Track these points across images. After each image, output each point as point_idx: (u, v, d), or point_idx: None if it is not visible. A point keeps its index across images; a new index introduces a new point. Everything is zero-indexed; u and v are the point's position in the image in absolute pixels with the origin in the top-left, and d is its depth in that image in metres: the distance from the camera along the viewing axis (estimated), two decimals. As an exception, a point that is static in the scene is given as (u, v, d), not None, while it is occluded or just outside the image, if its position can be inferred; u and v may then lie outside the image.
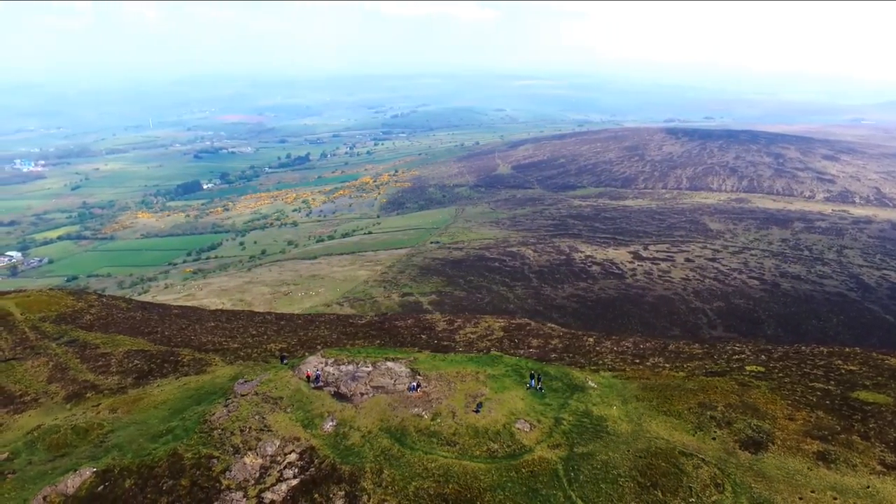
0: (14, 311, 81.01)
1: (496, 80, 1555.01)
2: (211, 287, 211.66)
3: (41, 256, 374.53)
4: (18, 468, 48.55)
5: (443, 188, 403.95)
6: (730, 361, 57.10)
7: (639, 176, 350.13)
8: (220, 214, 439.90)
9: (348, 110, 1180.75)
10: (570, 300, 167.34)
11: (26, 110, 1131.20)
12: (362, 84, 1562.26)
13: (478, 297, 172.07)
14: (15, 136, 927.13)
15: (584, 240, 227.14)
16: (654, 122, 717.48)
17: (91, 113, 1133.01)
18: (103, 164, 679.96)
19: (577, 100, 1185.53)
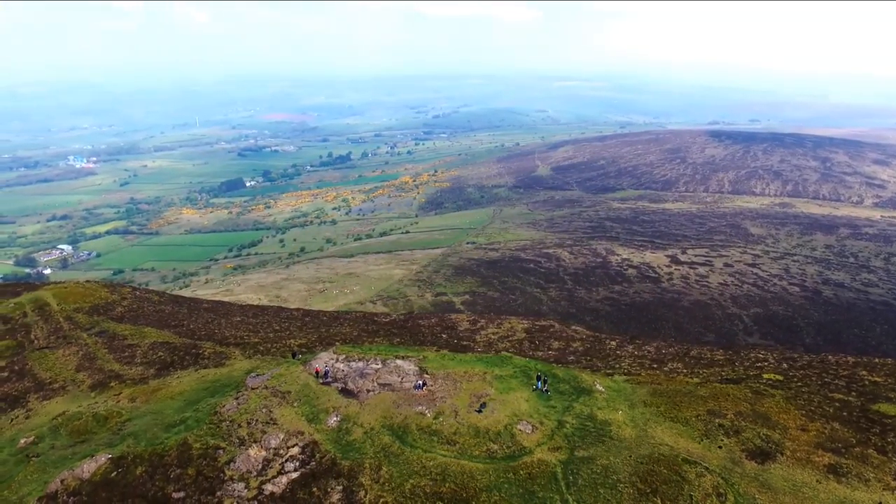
0: (51, 301, 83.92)
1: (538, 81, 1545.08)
2: (249, 283, 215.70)
3: (90, 250, 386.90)
4: (42, 452, 50.36)
5: (481, 189, 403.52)
6: (750, 369, 55.63)
7: (679, 179, 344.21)
8: (261, 212, 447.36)
9: (390, 110, 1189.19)
10: (603, 303, 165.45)
11: (81, 108, 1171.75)
12: (405, 84, 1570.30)
13: (511, 299, 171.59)
14: (70, 133, 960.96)
15: (622, 242, 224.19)
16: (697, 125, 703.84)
17: (141, 111, 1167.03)
18: (151, 161, 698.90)
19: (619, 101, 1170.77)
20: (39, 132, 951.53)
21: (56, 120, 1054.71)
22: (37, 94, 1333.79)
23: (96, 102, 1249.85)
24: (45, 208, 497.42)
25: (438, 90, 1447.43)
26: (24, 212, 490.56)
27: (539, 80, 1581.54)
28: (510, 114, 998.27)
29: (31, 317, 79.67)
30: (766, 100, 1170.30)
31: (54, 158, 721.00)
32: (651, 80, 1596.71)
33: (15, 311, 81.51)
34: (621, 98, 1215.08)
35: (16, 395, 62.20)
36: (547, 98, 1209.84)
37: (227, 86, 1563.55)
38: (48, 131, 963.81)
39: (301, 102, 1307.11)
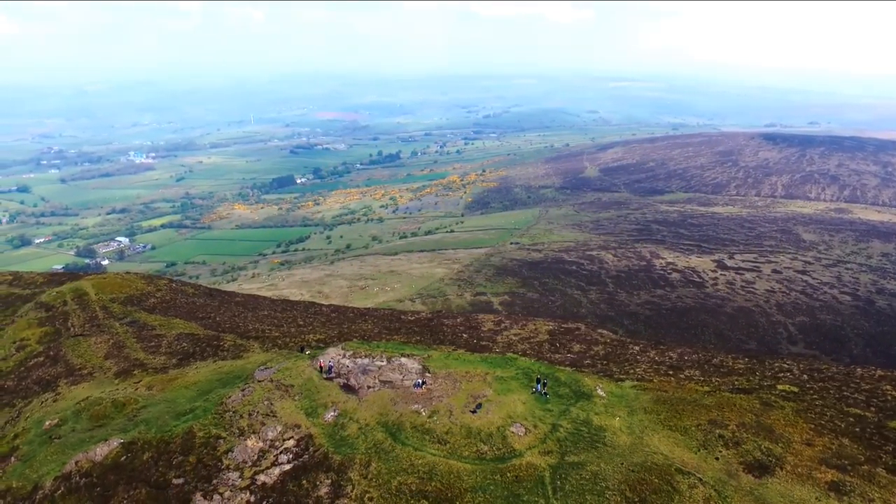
0: (90, 291, 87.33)
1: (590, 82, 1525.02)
2: (293, 278, 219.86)
3: (145, 243, 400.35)
4: (63, 434, 52.63)
5: (528, 189, 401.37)
6: (769, 379, 53.75)
7: (730, 182, 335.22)
8: (310, 208, 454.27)
9: (441, 109, 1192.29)
10: (644, 307, 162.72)
11: (142, 106, 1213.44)
12: (456, 84, 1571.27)
13: (550, 300, 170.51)
14: (132, 129, 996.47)
15: (667, 246, 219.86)
16: (752, 127, 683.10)
17: (199, 109, 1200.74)
18: (206, 157, 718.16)
19: (672, 102, 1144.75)
20: (103, 128, 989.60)
21: (119, 116, 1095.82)
22: (102, 92, 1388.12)
23: (157, 100, 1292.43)
24: (105, 202, 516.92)
25: (490, 89, 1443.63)
26: (87, 205, 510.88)
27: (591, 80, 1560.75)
28: (561, 114, 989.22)
29: (70, 305, 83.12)
30: (827, 102, 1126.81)
31: (116, 154, 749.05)
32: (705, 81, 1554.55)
33: (56, 300, 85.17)
34: (674, 99, 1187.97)
35: (48, 379, 65.06)
36: (598, 98, 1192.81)
37: (281, 84, 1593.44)
38: (112, 127, 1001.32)
39: (353, 101, 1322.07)
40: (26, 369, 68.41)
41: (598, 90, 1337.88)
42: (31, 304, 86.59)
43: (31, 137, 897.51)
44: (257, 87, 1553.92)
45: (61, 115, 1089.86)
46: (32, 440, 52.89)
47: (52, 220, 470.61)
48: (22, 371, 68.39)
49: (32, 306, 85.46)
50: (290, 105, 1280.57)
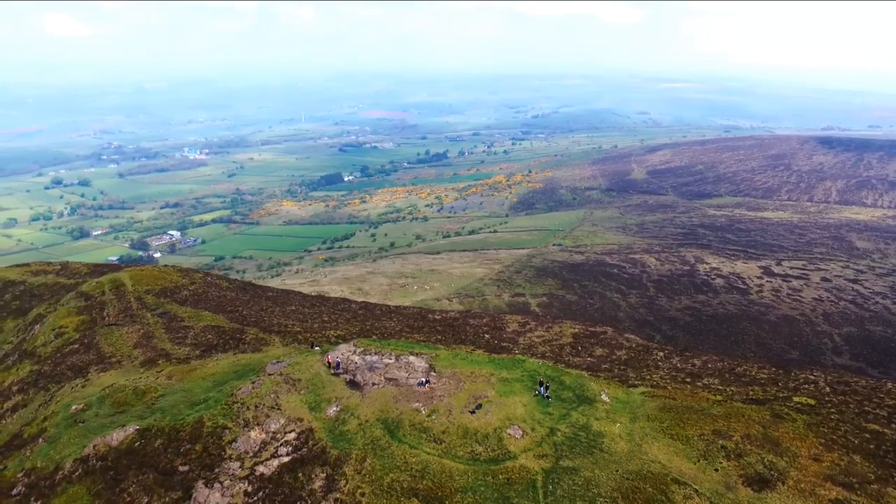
0: (127, 282, 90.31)
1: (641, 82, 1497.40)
2: (335, 275, 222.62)
3: (196, 237, 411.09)
4: (87, 419, 54.73)
5: (574, 190, 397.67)
6: (789, 390, 51.97)
7: (782, 187, 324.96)
8: (356, 206, 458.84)
9: (490, 109, 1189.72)
10: (684, 312, 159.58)
11: (198, 103, 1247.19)
12: (505, 83, 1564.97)
13: (588, 303, 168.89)
14: (187, 126, 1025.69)
15: (713, 251, 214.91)
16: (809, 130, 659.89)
17: (251, 107, 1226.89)
18: (257, 154, 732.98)
19: (725, 104, 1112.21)
20: (160, 125, 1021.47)
21: (175, 114, 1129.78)
22: (160, 90, 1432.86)
23: (212, 98, 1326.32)
24: (159, 196, 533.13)
25: (539, 90, 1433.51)
26: (142, 199, 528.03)
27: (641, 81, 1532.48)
28: (610, 115, 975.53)
29: (107, 296, 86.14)
30: (889, 104, 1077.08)
31: (171, 150, 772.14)
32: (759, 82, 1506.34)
33: (96, 290, 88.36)
34: (727, 101, 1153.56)
35: (80, 365, 67.62)
36: (649, 100, 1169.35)
37: (332, 83, 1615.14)
38: (168, 124, 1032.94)
39: (402, 100, 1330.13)
40: (62, 355, 71.26)
41: (649, 91, 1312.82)
42: (72, 294, 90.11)
43: (93, 133, 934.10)
44: (309, 85, 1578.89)
45: (121, 112, 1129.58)
46: (59, 423, 55.15)
47: (110, 214, 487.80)
48: (58, 357, 71.27)
49: (74, 295, 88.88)
50: (341, 103, 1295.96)
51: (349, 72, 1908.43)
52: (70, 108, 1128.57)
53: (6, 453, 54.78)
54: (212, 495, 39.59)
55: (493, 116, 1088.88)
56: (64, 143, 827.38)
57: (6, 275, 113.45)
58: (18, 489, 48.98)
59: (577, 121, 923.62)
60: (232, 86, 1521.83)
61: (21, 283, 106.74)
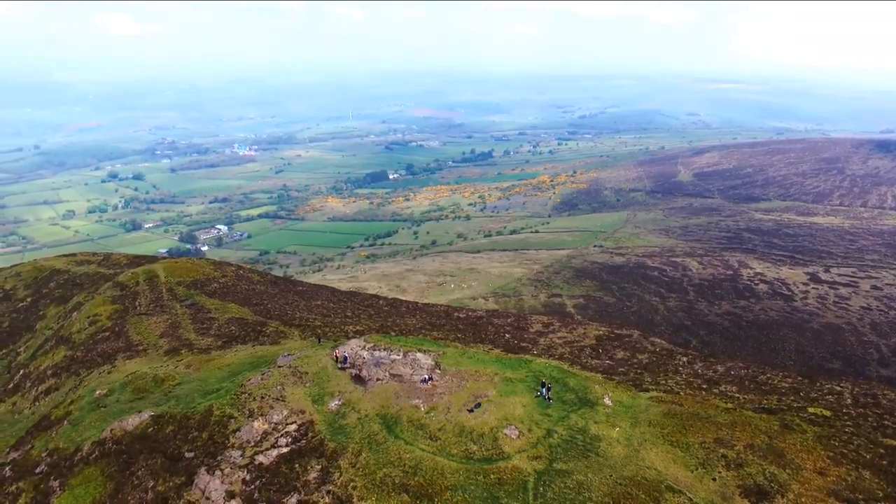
0: (160, 274, 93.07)
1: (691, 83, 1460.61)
2: (375, 271, 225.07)
3: (242, 231, 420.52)
4: (108, 404, 56.73)
5: (618, 192, 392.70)
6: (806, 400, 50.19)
7: (834, 191, 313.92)
8: (400, 204, 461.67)
9: (537, 109, 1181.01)
10: (723, 318, 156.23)
11: (248, 100, 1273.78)
12: (553, 83, 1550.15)
13: (626, 305, 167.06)
14: (237, 123, 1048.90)
15: (758, 256, 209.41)
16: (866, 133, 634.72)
17: (300, 104, 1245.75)
18: (304, 151, 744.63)
19: (778, 106, 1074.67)
20: (212, 121, 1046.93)
21: (226, 110, 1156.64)
22: (212, 87, 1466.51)
23: (262, 95, 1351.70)
24: (208, 191, 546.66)
25: (587, 90, 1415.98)
26: (192, 193, 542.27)
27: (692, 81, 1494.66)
28: (658, 116, 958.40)
29: (141, 286, 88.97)
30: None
31: (222, 146, 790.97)
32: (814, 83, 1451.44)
33: (131, 280, 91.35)
34: (780, 103, 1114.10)
35: (109, 352, 69.98)
36: (699, 101, 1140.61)
37: (379, 81, 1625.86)
38: (219, 121, 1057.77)
39: (449, 99, 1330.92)
40: (94, 342, 73.85)
41: (699, 92, 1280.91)
42: (109, 283, 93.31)
43: (148, 129, 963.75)
44: (356, 83, 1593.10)
45: (175, 109, 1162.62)
46: (83, 407, 57.24)
47: (161, 207, 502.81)
48: (90, 343, 73.90)
49: (110, 285, 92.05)
50: (388, 102, 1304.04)
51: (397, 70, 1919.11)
52: (127, 105, 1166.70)
53: (35, 433, 57.16)
54: (212, 482, 40.58)
55: (539, 116, 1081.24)
56: (120, 138, 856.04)
57: (53, 264, 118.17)
58: (41, 468, 51.15)
59: (625, 121, 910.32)
60: (281, 83, 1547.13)
61: (65, 272, 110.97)
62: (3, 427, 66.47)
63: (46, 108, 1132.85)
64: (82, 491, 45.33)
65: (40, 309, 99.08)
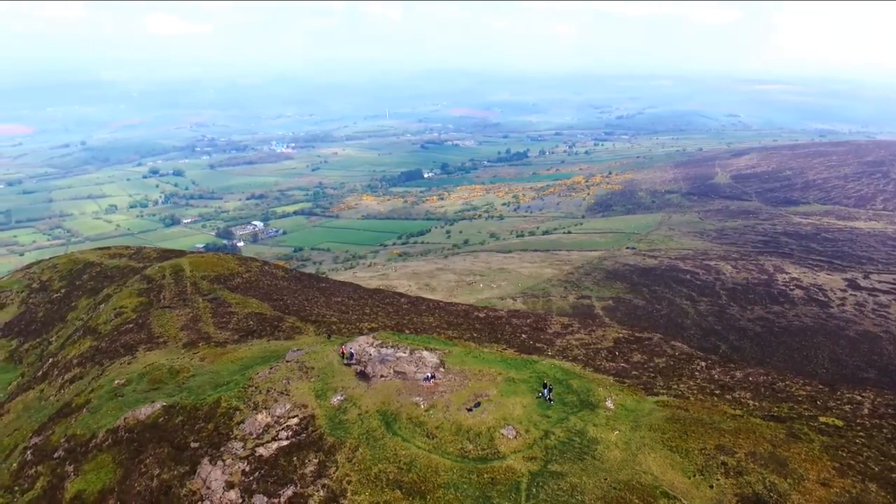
0: (186, 268, 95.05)
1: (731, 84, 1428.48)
2: (406, 270, 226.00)
3: (278, 227, 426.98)
4: (125, 393, 58.29)
5: (653, 193, 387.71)
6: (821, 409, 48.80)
7: (877, 195, 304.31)
8: (434, 203, 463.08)
9: (573, 109, 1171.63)
10: (755, 323, 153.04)
11: (287, 98, 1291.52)
12: (590, 84, 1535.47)
13: (655, 308, 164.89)
14: (276, 120, 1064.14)
15: (794, 260, 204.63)
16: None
17: (338, 103, 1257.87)
18: (341, 148, 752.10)
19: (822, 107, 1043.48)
20: (251, 119, 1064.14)
21: (266, 108, 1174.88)
22: (252, 85, 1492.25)
23: (300, 93, 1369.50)
24: (246, 187, 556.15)
25: (625, 90, 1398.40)
26: (230, 189, 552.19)
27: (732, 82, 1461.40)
28: (697, 117, 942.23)
29: (167, 279, 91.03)
30: None
31: (260, 143, 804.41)
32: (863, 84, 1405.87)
33: (157, 274, 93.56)
34: (824, 104, 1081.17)
35: (132, 344, 71.73)
36: (739, 102, 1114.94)
37: (416, 80, 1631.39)
38: (258, 118, 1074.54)
39: (485, 98, 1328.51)
40: (118, 333, 75.76)
41: (739, 93, 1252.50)
42: (137, 277, 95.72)
43: (189, 126, 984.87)
44: (394, 82, 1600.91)
45: (216, 107, 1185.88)
46: (102, 395, 58.91)
47: (199, 203, 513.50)
48: (115, 334, 75.83)
49: (138, 278, 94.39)
50: (425, 101, 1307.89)
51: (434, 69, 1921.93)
52: (169, 102, 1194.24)
53: (56, 420, 59.01)
54: (213, 472, 41.44)
55: (576, 116, 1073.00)
56: (162, 135, 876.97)
57: (88, 257, 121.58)
58: (59, 453, 52.93)
59: (662, 122, 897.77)
60: (320, 82, 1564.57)
61: (98, 264, 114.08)
62: (30, 413, 68.69)
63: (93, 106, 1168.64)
64: (94, 476, 46.76)
65: (73, 300, 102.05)
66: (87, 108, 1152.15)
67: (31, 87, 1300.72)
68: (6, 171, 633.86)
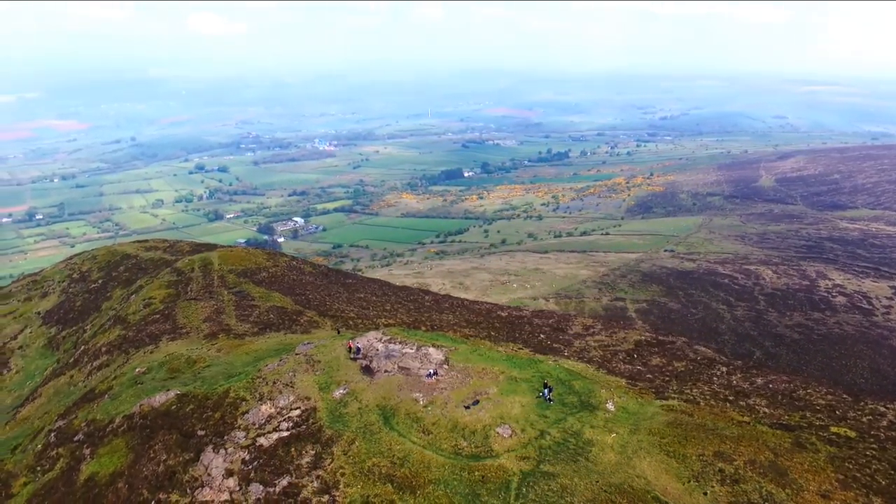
0: (215, 261, 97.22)
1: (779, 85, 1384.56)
2: (441, 268, 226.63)
3: (317, 224, 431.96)
4: (145, 381, 60.08)
5: (695, 196, 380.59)
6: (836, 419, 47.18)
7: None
8: (473, 202, 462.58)
9: (616, 109, 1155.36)
10: (793, 330, 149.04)
11: (330, 97, 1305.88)
12: (634, 84, 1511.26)
13: (690, 312, 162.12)
14: (319, 118, 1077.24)
15: (839, 266, 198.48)
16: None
17: (380, 101, 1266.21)
18: (382, 147, 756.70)
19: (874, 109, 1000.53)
20: (295, 117, 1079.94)
21: (309, 106, 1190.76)
22: (297, 84, 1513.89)
23: (344, 92, 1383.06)
24: (288, 184, 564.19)
25: (669, 91, 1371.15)
26: (272, 186, 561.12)
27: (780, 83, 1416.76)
28: (743, 119, 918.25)
29: (195, 272, 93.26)
30: None
31: (303, 140, 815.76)
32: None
33: (187, 267, 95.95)
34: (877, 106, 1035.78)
35: (156, 334, 73.74)
36: (787, 103, 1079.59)
37: (458, 79, 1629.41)
38: (302, 116, 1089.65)
39: (528, 98, 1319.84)
40: (145, 323, 77.97)
41: (788, 94, 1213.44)
42: (168, 269, 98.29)
43: (235, 123, 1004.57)
44: (436, 81, 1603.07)
45: (261, 104, 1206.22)
46: (124, 383, 60.85)
47: (242, 199, 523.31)
48: (142, 324, 78.06)
49: (169, 271, 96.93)
50: (467, 100, 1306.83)
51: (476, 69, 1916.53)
52: (216, 100, 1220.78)
53: (80, 404, 61.16)
54: (215, 460, 42.44)
55: (618, 117, 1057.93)
56: (208, 132, 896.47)
57: (126, 249, 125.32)
58: (79, 436, 55.02)
59: (707, 124, 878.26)
60: (363, 81, 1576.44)
61: (134, 256, 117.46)
62: (59, 397, 71.26)
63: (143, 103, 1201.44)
64: (107, 460, 48.42)
65: (108, 290, 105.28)
66: (137, 105, 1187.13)
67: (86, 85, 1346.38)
68: (62, 166, 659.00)
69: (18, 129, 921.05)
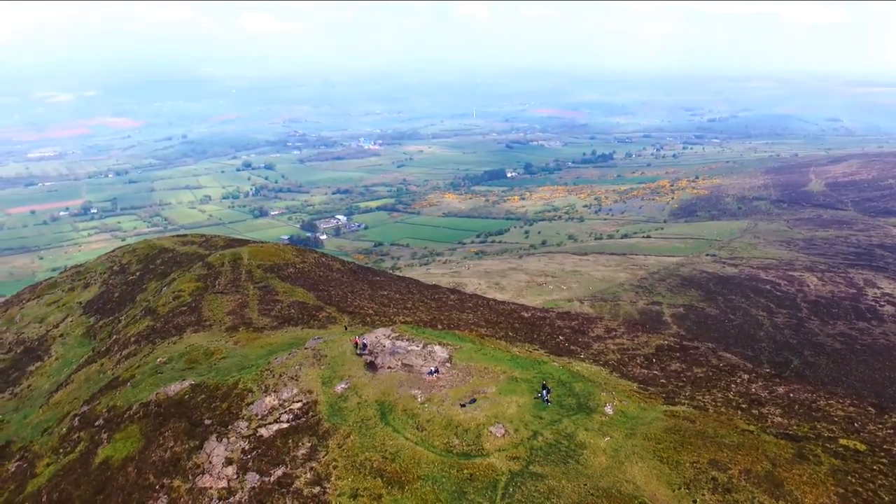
0: (244, 256, 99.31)
1: (835, 86, 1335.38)
2: (479, 268, 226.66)
3: (360, 222, 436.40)
4: (165, 370, 61.99)
5: (741, 200, 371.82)
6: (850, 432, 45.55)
7: None
8: (515, 203, 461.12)
9: (663, 111, 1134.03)
10: (835, 339, 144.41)
11: (377, 96, 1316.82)
12: (682, 85, 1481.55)
13: (728, 318, 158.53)
14: (365, 117, 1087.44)
15: (889, 275, 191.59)
16: None
17: (426, 101, 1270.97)
18: (426, 146, 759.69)
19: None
20: (341, 116, 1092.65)
21: (355, 105, 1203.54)
22: (344, 83, 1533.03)
23: (390, 91, 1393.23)
24: (332, 182, 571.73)
25: (719, 92, 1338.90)
26: (316, 184, 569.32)
27: (836, 84, 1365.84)
28: (794, 121, 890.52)
29: (225, 266, 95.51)
30: None
31: (348, 139, 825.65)
32: None
33: (217, 261, 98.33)
34: None
35: (182, 325, 75.90)
36: (842, 105, 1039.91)
37: (503, 79, 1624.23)
38: (348, 115, 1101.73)
39: (573, 98, 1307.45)
40: (173, 315, 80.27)
41: (843, 96, 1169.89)
42: (200, 263, 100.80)
43: (282, 122, 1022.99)
44: (482, 81, 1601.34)
45: (308, 103, 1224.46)
46: (145, 372, 62.89)
47: (287, 196, 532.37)
48: (169, 316, 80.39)
49: (201, 265, 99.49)
50: (512, 100, 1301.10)
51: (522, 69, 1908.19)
52: (264, 99, 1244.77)
53: (105, 391, 63.49)
54: (217, 448, 43.66)
55: (665, 118, 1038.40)
56: (256, 129, 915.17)
57: (163, 243, 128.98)
58: (100, 421, 57.23)
59: (757, 126, 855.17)
60: (409, 80, 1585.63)
61: (171, 250, 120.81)
62: (89, 384, 73.90)
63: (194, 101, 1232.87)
64: (121, 445, 50.30)
65: (144, 283, 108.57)
66: (189, 103, 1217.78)
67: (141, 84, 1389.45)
68: (116, 162, 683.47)
69: (77, 126, 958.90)
